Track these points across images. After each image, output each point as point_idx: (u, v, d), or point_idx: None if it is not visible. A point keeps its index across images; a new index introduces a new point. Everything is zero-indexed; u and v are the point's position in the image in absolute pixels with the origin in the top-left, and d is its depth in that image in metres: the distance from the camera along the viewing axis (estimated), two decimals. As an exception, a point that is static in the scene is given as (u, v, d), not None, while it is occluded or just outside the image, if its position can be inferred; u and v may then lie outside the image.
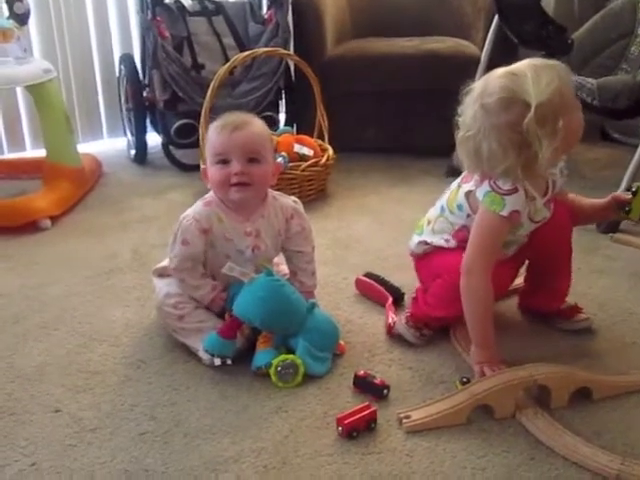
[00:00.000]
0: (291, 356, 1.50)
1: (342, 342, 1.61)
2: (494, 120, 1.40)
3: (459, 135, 1.47)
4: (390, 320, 1.70)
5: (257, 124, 1.61)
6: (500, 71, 1.44)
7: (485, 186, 1.47)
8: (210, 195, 1.63)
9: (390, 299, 1.80)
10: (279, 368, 1.48)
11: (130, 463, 1.28)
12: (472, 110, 1.43)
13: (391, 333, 1.68)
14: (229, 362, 1.53)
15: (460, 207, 1.56)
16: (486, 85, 1.43)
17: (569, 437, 1.30)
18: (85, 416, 1.41)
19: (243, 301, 1.53)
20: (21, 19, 2.56)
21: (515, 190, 1.45)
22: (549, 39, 2.59)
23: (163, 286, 1.67)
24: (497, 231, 1.49)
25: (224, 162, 1.57)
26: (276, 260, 1.76)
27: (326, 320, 1.60)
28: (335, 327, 1.60)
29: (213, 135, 1.59)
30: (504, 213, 1.45)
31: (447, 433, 1.34)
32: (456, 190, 1.58)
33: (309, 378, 1.50)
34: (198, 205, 1.62)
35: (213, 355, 1.52)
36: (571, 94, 1.43)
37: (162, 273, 1.71)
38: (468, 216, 1.55)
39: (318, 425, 1.37)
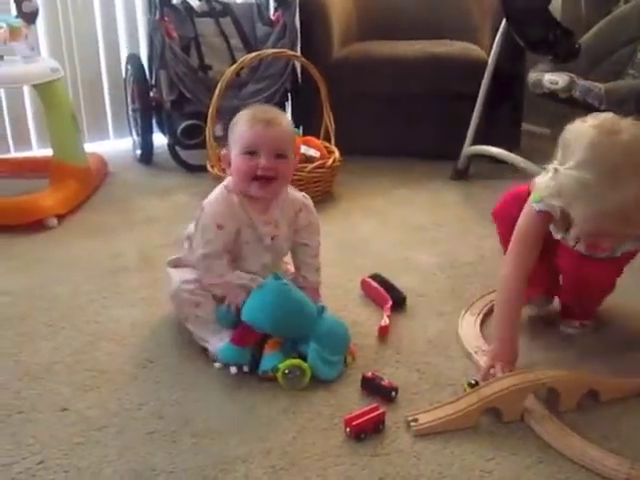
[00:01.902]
0: (298, 360, 1.49)
1: (352, 345, 1.60)
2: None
3: None
4: (383, 322, 1.70)
5: (286, 120, 1.64)
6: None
7: None
8: (230, 182, 1.62)
9: (390, 302, 1.80)
10: (286, 371, 1.47)
11: (138, 462, 1.28)
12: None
13: (382, 336, 1.67)
14: (245, 369, 1.52)
15: None
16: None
17: (578, 440, 1.30)
18: (92, 415, 1.41)
19: (252, 307, 1.52)
20: (29, 18, 2.57)
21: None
22: (556, 43, 2.59)
23: (179, 275, 1.67)
24: (529, 224, 1.50)
25: (251, 153, 1.57)
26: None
27: (337, 323, 1.59)
28: (346, 330, 1.59)
29: (244, 128, 1.58)
30: (537, 207, 1.47)
31: (455, 436, 1.34)
32: None
33: (317, 380, 1.50)
34: (222, 192, 1.61)
35: (228, 364, 1.51)
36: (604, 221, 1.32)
37: (177, 264, 1.71)
38: None
39: (326, 426, 1.37)
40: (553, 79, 2.45)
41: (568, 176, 1.32)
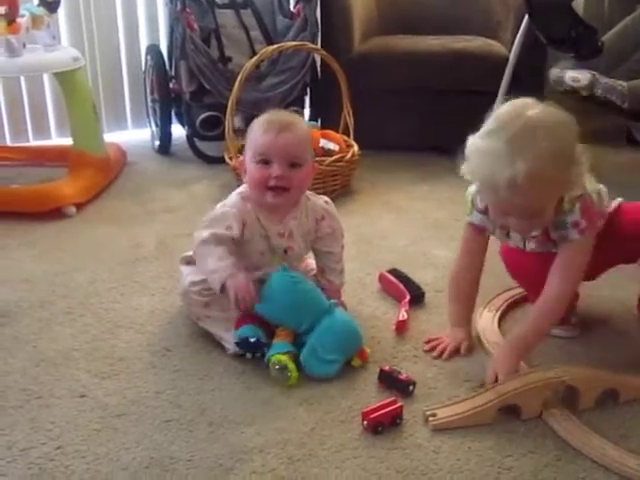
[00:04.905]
0: (285, 358, 1.46)
1: (367, 349, 1.56)
2: None
3: None
4: (401, 317, 1.69)
5: (301, 126, 1.59)
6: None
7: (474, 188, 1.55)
8: (246, 190, 1.61)
9: (408, 297, 1.79)
10: (277, 367, 1.46)
11: (155, 450, 1.28)
12: None
13: (400, 330, 1.67)
14: (263, 340, 1.51)
15: None
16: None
17: (596, 439, 1.29)
18: (110, 402, 1.42)
19: (261, 297, 1.53)
20: (51, 7, 2.58)
21: (483, 212, 1.53)
22: (579, 41, 2.57)
23: (189, 274, 1.67)
24: (466, 233, 1.62)
25: (265, 162, 1.54)
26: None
27: (343, 322, 1.54)
28: (355, 332, 1.54)
29: (257, 133, 1.56)
30: (467, 219, 1.58)
31: (473, 431, 1.33)
32: None
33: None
34: (238, 200, 1.59)
35: (247, 337, 1.51)
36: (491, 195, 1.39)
37: (189, 261, 1.71)
38: None
39: (343, 419, 1.37)
40: (575, 76, 2.43)
41: (471, 144, 1.39)
